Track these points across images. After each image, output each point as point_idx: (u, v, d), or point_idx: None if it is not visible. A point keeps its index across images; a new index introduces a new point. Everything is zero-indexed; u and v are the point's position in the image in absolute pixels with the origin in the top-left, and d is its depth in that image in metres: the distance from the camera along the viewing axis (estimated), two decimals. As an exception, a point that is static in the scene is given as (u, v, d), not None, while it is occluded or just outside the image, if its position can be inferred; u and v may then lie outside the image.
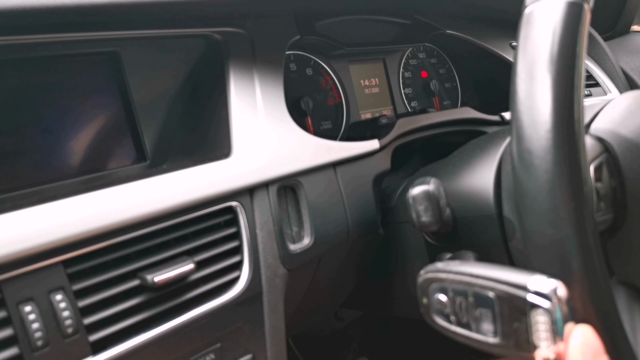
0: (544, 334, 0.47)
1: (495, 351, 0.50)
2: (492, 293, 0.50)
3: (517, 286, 0.48)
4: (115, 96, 0.81)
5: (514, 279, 0.49)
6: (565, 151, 0.48)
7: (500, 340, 0.50)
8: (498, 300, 0.49)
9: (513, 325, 0.49)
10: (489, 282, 0.50)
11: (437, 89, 1.29)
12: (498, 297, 0.49)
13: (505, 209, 0.75)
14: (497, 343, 0.50)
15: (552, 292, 0.47)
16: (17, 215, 0.58)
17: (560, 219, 0.48)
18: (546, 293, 0.47)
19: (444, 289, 0.54)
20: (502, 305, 0.49)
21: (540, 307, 0.47)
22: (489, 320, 0.50)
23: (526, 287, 0.48)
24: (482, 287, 0.51)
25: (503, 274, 0.50)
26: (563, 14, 0.51)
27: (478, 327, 0.52)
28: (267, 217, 0.78)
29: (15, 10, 0.62)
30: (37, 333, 0.57)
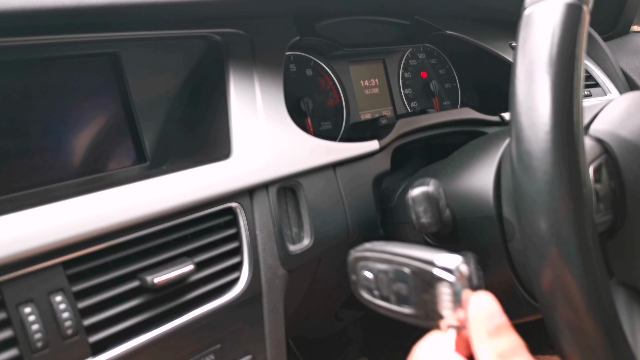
0: (448, 304, 0.52)
1: (409, 320, 0.55)
2: (407, 269, 0.55)
3: (426, 262, 0.54)
4: (115, 97, 0.82)
5: (424, 256, 0.54)
6: (565, 153, 0.48)
7: (413, 310, 0.55)
8: (412, 275, 0.55)
9: (423, 297, 0.54)
10: (405, 259, 0.56)
11: (437, 89, 1.29)
12: (412, 272, 0.55)
13: (505, 210, 0.75)
14: (411, 313, 0.56)
15: (454, 267, 0.52)
16: (17, 216, 0.58)
17: (559, 221, 0.48)
18: (450, 268, 0.52)
19: (370, 267, 0.60)
20: (415, 280, 0.54)
21: (444, 280, 0.52)
22: (405, 293, 0.56)
23: (434, 262, 0.53)
24: (400, 264, 0.56)
25: (417, 252, 0.55)
26: (562, 16, 0.51)
27: (396, 300, 0.57)
28: (267, 218, 0.78)
29: (15, 12, 0.62)
30: (37, 334, 0.57)
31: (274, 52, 0.91)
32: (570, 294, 0.48)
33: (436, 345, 0.51)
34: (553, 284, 0.49)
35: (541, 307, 0.51)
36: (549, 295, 0.50)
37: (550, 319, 0.51)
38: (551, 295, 0.50)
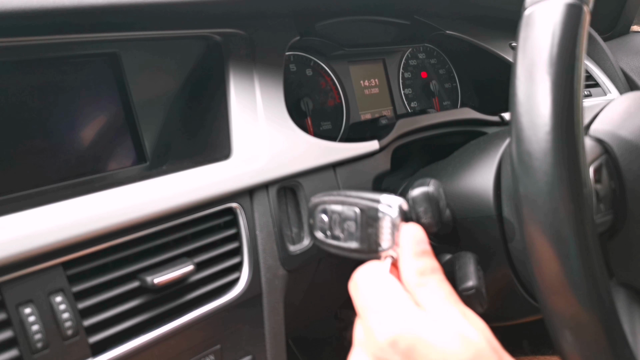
0: (388, 236, 0.62)
1: (355, 256, 0.64)
2: (357, 208, 0.65)
3: (374, 200, 0.64)
4: (115, 97, 0.82)
5: (372, 197, 0.64)
6: (565, 153, 0.48)
7: (359, 245, 0.65)
8: (360, 212, 0.64)
9: (368, 231, 0.63)
10: (356, 199, 0.65)
11: (436, 89, 1.29)
12: (361, 210, 0.64)
13: (505, 210, 0.75)
14: (357, 248, 0.65)
15: (395, 204, 0.62)
16: (17, 217, 0.58)
17: (559, 221, 0.48)
18: (392, 205, 0.62)
19: (325, 210, 0.70)
20: (362, 217, 0.64)
21: (387, 215, 0.62)
22: (353, 230, 0.65)
23: (379, 201, 0.63)
24: (351, 204, 0.65)
25: (366, 194, 0.65)
26: (562, 16, 0.51)
27: (345, 237, 0.67)
28: (267, 218, 0.78)
29: (14, 12, 0.62)
30: (37, 335, 0.57)
31: (274, 52, 0.91)
32: (571, 294, 0.49)
33: (373, 269, 0.58)
34: (553, 284, 0.49)
35: (541, 307, 0.51)
36: (549, 296, 0.50)
37: (551, 319, 0.51)
38: (551, 296, 0.50)
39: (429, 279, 0.56)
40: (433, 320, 0.52)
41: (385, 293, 0.55)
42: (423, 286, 0.56)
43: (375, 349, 0.53)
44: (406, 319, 0.52)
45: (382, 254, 0.62)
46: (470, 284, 0.73)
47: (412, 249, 0.59)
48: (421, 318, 0.52)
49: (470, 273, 0.74)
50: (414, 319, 0.52)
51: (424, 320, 0.52)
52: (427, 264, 0.57)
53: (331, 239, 0.70)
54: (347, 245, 0.66)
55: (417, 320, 0.52)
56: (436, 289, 0.56)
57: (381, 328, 0.52)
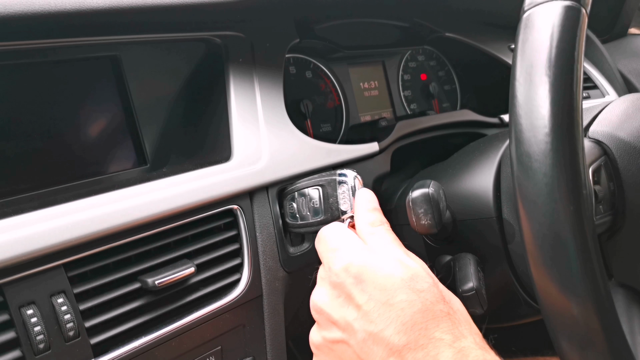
0: (346, 200, 0.73)
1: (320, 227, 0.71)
2: (318, 186, 0.75)
3: (332, 174, 0.75)
4: (116, 100, 0.82)
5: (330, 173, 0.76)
6: (564, 154, 0.49)
7: (323, 217, 0.75)
8: (322, 188, 0.75)
9: (329, 202, 0.74)
10: (317, 179, 0.76)
11: (436, 91, 1.29)
12: (321, 187, 0.75)
13: (505, 211, 0.75)
14: (322, 219, 0.75)
15: (350, 174, 0.73)
16: (18, 219, 0.58)
17: (559, 222, 0.48)
18: (347, 174, 0.73)
19: (293, 198, 0.79)
20: (324, 191, 0.75)
21: (343, 183, 0.73)
22: (317, 205, 0.76)
23: (336, 173, 0.74)
24: (314, 184, 0.76)
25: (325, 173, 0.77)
26: (561, 18, 0.51)
27: (312, 214, 0.76)
28: (267, 220, 0.79)
29: (16, 16, 0.62)
30: (39, 336, 0.57)
31: (274, 54, 0.91)
32: (570, 295, 0.49)
33: (333, 225, 0.69)
34: (552, 285, 0.50)
35: (541, 308, 0.52)
36: (548, 297, 0.50)
37: (550, 320, 0.51)
38: (550, 297, 0.50)
39: (378, 228, 0.68)
40: (379, 253, 0.64)
41: (341, 238, 0.67)
42: (373, 234, 0.67)
43: (332, 276, 0.64)
44: (357, 253, 0.64)
45: (343, 217, 0.73)
46: (470, 285, 0.73)
47: (364, 206, 0.70)
48: (370, 252, 0.64)
49: (470, 274, 0.74)
50: (364, 252, 0.64)
51: (372, 253, 0.64)
52: (376, 217, 0.69)
53: (300, 220, 0.79)
54: (314, 220, 0.76)
55: (366, 253, 0.64)
56: (384, 236, 0.67)
57: (336, 260, 0.64)
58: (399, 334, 0.57)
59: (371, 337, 0.59)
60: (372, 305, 0.60)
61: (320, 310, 0.66)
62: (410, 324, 0.57)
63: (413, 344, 0.56)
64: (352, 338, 0.61)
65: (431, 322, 0.57)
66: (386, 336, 0.58)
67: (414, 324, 0.57)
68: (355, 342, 0.60)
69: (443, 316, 0.59)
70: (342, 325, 0.62)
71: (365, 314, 0.60)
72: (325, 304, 0.65)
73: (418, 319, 0.58)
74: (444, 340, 0.56)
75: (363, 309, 0.61)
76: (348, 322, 0.61)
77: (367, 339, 0.59)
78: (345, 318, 0.62)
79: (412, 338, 0.57)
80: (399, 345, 0.57)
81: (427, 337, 0.56)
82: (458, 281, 0.75)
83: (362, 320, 0.60)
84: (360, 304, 0.61)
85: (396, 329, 0.57)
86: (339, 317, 0.63)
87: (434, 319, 0.58)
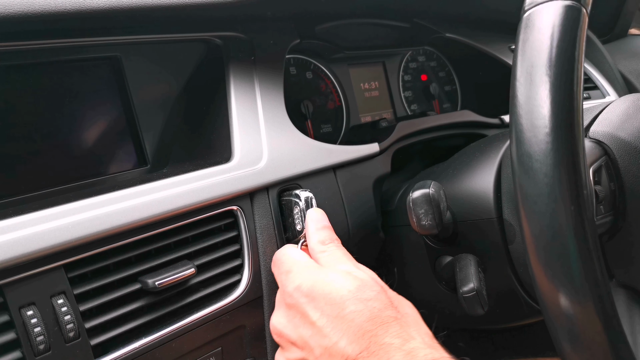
0: (299, 220, 0.77)
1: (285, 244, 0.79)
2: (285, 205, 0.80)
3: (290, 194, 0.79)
4: (116, 101, 0.82)
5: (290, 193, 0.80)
6: (565, 154, 0.48)
7: (289, 233, 0.80)
8: (285, 207, 0.80)
9: (289, 220, 0.79)
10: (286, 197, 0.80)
11: (436, 92, 1.30)
12: (285, 205, 0.80)
13: (506, 212, 0.75)
14: (287, 236, 0.81)
15: (303, 194, 0.77)
16: (19, 220, 0.58)
17: (560, 222, 0.48)
18: (300, 196, 0.77)
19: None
20: (286, 210, 0.80)
21: (295, 205, 0.78)
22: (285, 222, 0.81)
23: (292, 195, 0.79)
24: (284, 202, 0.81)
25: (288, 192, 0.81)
26: (561, 18, 0.51)
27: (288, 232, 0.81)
28: (268, 220, 0.79)
29: (16, 16, 0.62)
30: (39, 337, 0.57)
31: (274, 55, 0.91)
32: (571, 296, 0.49)
33: (286, 248, 0.75)
34: (553, 286, 0.49)
35: (542, 309, 0.52)
36: (550, 297, 0.50)
37: (551, 321, 0.51)
38: (552, 297, 0.50)
39: (328, 246, 0.72)
40: (328, 270, 0.68)
41: (293, 260, 0.71)
42: (324, 252, 0.72)
43: (287, 298, 0.68)
44: (308, 272, 0.68)
45: (299, 237, 0.78)
46: (471, 286, 0.73)
47: (314, 225, 0.75)
48: (320, 270, 0.68)
49: (471, 275, 0.74)
50: (314, 271, 0.68)
51: (321, 270, 0.68)
52: (326, 235, 0.74)
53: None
54: (285, 237, 0.81)
55: (316, 271, 0.68)
56: (333, 252, 0.71)
57: (289, 281, 0.69)
58: (352, 344, 0.60)
59: (327, 351, 0.62)
60: (324, 320, 0.63)
61: (280, 333, 0.69)
62: (361, 333, 0.60)
63: (365, 352, 0.59)
64: (310, 355, 0.64)
65: (380, 329, 0.61)
66: (340, 348, 0.61)
67: (365, 333, 0.60)
68: (313, 358, 0.64)
69: (391, 321, 0.62)
70: (300, 345, 0.66)
71: (319, 330, 0.63)
72: (283, 326, 0.69)
73: (367, 327, 0.61)
74: (393, 344, 0.59)
75: (317, 326, 0.64)
76: (305, 340, 0.65)
77: (324, 354, 0.62)
78: (302, 337, 0.65)
79: (364, 346, 0.60)
80: (353, 355, 0.60)
81: (377, 344, 0.59)
82: (459, 282, 0.75)
83: (317, 337, 0.64)
84: (314, 320, 0.64)
85: (349, 339, 0.61)
86: (297, 337, 0.66)
87: (382, 325, 0.61)
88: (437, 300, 0.88)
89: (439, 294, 0.87)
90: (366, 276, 0.67)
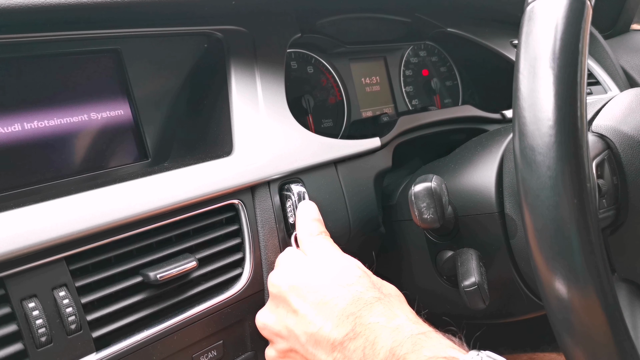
0: (292, 215, 0.80)
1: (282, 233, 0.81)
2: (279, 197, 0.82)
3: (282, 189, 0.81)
4: (116, 94, 0.81)
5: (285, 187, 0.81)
6: (568, 148, 0.48)
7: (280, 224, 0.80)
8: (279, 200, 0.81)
9: (283, 214, 0.81)
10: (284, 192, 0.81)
11: (438, 87, 1.29)
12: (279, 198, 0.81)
13: (507, 206, 0.75)
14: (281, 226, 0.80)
15: (295, 190, 0.80)
16: (20, 212, 0.58)
17: (562, 215, 0.48)
18: (293, 190, 0.80)
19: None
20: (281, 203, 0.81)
21: (288, 199, 0.80)
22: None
23: (286, 189, 0.81)
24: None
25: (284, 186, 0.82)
26: (565, 11, 0.51)
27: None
28: (269, 214, 0.79)
29: (16, 8, 0.62)
30: (41, 329, 0.57)
31: (276, 49, 0.91)
32: (573, 290, 0.49)
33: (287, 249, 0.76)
34: (556, 280, 0.49)
35: (544, 303, 0.52)
36: (552, 291, 0.50)
37: (554, 314, 0.51)
38: (554, 292, 0.50)
39: (317, 237, 0.74)
40: (312, 259, 0.70)
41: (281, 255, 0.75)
42: (311, 242, 0.74)
43: (271, 288, 0.71)
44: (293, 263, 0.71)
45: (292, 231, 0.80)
46: (473, 280, 0.73)
47: (305, 217, 0.77)
48: (302, 260, 0.71)
49: (472, 269, 0.74)
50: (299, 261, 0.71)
51: (304, 260, 0.71)
52: (315, 227, 0.76)
53: None
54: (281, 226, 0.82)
55: (299, 261, 0.71)
56: (320, 243, 0.73)
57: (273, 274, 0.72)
58: (337, 327, 0.61)
59: (312, 337, 0.63)
60: (307, 308, 0.65)
61: (264, 326, 0.71)
62: (345, 316, 0.62)
63: (352, 333, 0.61)
64: (296, 343, 0.66)
65: (364, 310, 0.62)
66: (326, 333, 0.62)
67: (349, 315, 0.62)
68: (300, 346, 0.65)
69: (374, 301, 0.63)
70: (285, 335, 0.67)
71: (303, 317, 0.65)
72: (267, 319, 0.71)
73: (351, 310, 0.62)
74: (379, 322, 0.60)
75: (300, 313, 0.65)
76: (290, 329, 0.66)
77: (310, 340, 0.64)
78: (286, 326, 0.67)
79: (349, 328, 0.61)
80: (339, 338, 0.61)
81: (363, 325, 0.61)
82: (460, 276, 0.75)
83: (301, 324, 0.65)
84: (297, 308, 0.66)
85: (333, 323, 0.62)
86: (282, 327, 0.68)
87: (366, 306, 0.62)
88: (438, 295, 0.88)
89: (440, 289, 0.87)
90: (348, 262, 0.69)
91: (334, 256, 0.71)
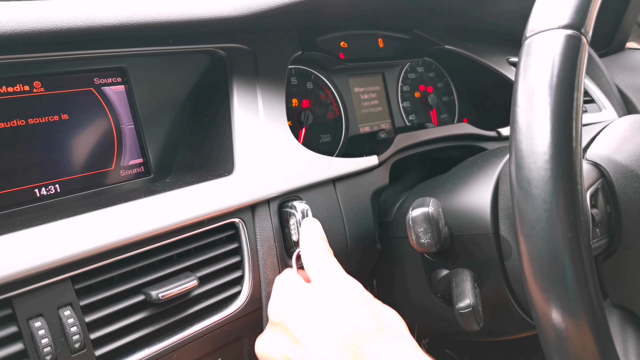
0: (295, 231, 0.80)
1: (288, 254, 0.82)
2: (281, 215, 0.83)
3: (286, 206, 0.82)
4: (121, 111, 0.82)
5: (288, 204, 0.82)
6: (563, 182, 0.49)
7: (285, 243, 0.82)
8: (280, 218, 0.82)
9: (285, 231, 0.82)
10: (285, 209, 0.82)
11: (434, 102, 1.31)
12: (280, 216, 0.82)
13: (502, 228, 0.76)
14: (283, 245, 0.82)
15: (298, 207, 0.80)
16: (28, 233, 0.59)
17: (557, 248, 0.49)
18: (296, 207, 0.80)
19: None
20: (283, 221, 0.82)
21: (291, 216, 0.80)
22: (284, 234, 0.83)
23: (288, 206, 0.81)
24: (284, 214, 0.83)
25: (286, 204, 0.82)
26: (562, 47, 0.52)
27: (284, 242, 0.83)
28: (268, 233, 0.80)
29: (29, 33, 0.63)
30: (46, 348, 0.58)
31: (277, 66, 0.92)
32: (566, 317, 0.50)
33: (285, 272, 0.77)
34: (549, 309, 0.51)
35: (537, 330, 0.53)
36: (545, 319, 0.51)
37: (545, 339, 0.52)
38: (548, 321, 0.51)
39: (322, 257, 0.73)
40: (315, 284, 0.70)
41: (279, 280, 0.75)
42: (317, 263, 0.72)
43: (272, 316, 0.71)
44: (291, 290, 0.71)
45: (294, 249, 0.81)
46: (467, 303, 0.74)
47: (309, 234, 0.76)
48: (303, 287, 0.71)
49: (467, 291, 0.75)
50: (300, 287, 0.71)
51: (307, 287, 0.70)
52: (320, 246, 0.75)
53: None
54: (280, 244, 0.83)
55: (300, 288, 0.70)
56: (326, 264, 0.72)
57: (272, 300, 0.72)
58: (337, 358, 0.61)
59: None
60: (308, 336, 0.64)
61: (265, 355, 0.71)
62: (345, 347, 0.61)
63: None
64: None
65: (364, 341, 0.62)
66: None
67: (349, 346, 0.61)
68: None
69: (375, 333, 0.63)
70: None
71: (303, 347, 0.64)
72: (267, 347, 0.70)
73: (352, 341, 0.62)
74: (378, 356, 0.60)
75: (301, 342, 0.65)
76: (289, 358, 0.66)
77: None
78: (286, 356, 0.66)
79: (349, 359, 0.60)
80: None
81: (363, 356, 0.60)
82: (455, 297, 0.76)
83: (301, 353, 0.64)
84: (297, 337, 0.65)
85: (333, 354, 0.61)
86: (282, 356, 0.67)
87: (366, 337, 0.62)
88: (432, 312, 0.89)
89: (434, 306, 0.88)
90: (351, 289, 0.68)
91: (336, 282, 0.70)
